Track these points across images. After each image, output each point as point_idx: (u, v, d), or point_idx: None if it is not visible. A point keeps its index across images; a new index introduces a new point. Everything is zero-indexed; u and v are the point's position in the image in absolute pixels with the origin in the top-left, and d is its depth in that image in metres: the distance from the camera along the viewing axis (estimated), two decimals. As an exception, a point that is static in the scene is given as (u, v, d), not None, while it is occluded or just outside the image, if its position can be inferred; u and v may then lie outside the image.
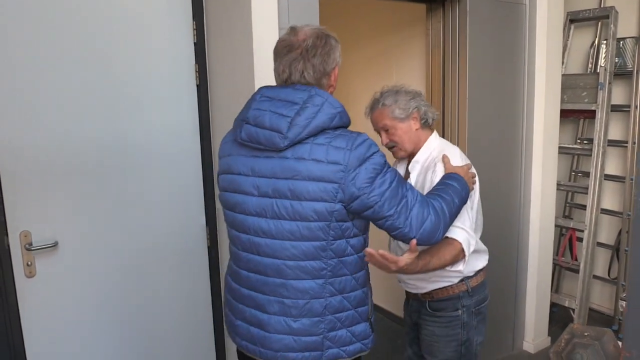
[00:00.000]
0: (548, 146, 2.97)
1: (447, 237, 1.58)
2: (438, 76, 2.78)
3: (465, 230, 1.65)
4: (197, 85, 2.26)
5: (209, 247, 2.39)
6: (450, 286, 1.83)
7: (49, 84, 1.92)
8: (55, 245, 1.98)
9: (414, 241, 1.39)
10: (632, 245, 1.13)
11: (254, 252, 1.44)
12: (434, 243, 1.47)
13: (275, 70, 1.43)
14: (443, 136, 2.74)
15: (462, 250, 1.63)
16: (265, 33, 1.89)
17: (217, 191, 2.32)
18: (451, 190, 1.54)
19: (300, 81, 1.39)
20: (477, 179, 1.76)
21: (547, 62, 2.83)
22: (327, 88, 1.42)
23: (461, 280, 1.83)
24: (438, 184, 1.62)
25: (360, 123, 1.84)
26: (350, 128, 1.40)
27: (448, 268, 1.67)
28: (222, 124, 2.22)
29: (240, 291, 1.51)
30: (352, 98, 3.54)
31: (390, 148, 1.82)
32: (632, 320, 1.14)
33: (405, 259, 1.42)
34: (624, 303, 1.28)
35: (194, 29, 2.21)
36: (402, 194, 1.38)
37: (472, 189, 1.71)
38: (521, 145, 2.95)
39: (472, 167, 1.76)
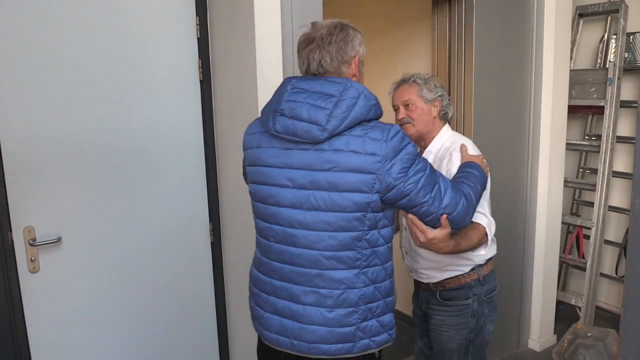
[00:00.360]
0: (555, 142, 2.93)
1: (472, 222, 1.62)
2: (444, 72, 2.75)
3: (485, 215, 1.70)
4: (201, 81, 2.25)
5: (212, 244, 2.38)
6: (462, 275, 1.87)
7: (52, 79, 1.92)
8: (58, 240, 1.98)
9: (444, 216, 1.43)
10: (630, 249, 1.11)
11: (288, 244, 1.44)
12: (463, 227, 1.53)
13: (298, 65, 1.46)
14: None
15: (486, 234, 1.67)
16: (267, 29, 1.88)
17: (221, 186, 2.34)
18: (473, 177, 1.60)
19: (319, 70, 1.40)
20: (488, 168, 1.79)
21: (555, 57, 2.79)
22: (350, 77, 1.42)
23: (472, 269, 1.87)
24: (460, 171, 1.67)
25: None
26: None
27: (471, 253, 1.71)
28: (226, 120, 2.22)
29: (272, 283, 1.50)
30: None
31: (401, 125, 1.84)
32: (628, 326, 1.12)
33: (436, 232, 1.45)
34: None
35: (197, 25, 2.20)
36: (434, 180, 1.42)
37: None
38: (528, 142, 2.92)
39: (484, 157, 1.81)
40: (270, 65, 1.90)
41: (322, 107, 1.32)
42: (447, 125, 1.92)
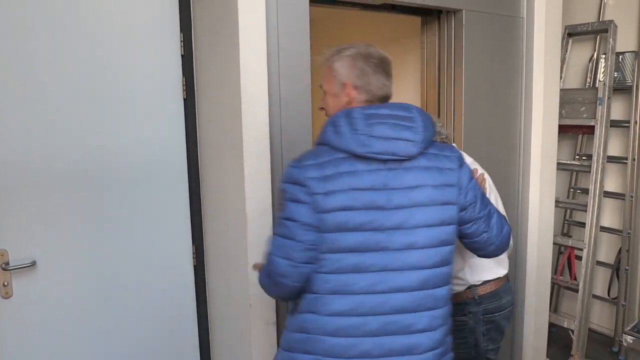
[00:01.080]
0: (546, 162, 2.89)
1: None
2: (433, 90, 2.71)
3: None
4: (184, 99, 2.18)
5: (195, 267, 2.30)
6: (459, 292, 1.93)
7: (30, 96, 1.85)
8: (33, 264, 1.89)
9: None
10: None
11: (393, 269, 1.35)
12: (503, 252, 1.57)
13: (373, 82, 1.47)
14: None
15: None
16: (252, 47, 1.82)
17: (205, 208, 2.27)
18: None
19: (388, 94, 1.51)
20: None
21: (545, 76, 2.76)
22: None
23: (468, 288, 1.94)
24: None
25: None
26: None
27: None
28: (210, 139, 2.15)
29: (373, 322, 1.34)
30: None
31: None
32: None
33: None
34: (629, 338, 1.20)
35: (181, 42, 2.14)
36: (487, 199, 1.49)
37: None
38: (519, 162, 2.87)
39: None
40: (255, 84, 1.84)
41: (408, 126, 1.36)
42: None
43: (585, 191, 3.47)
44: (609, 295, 3.40)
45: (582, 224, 3.44)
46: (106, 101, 2.02)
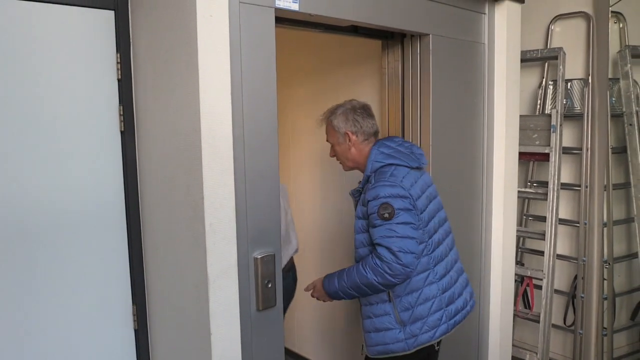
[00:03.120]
0: (509, 191, 2.79)
1: None
2: (397, 115, 2.53)
3: None
4: (122, 132, 1.82)
5: (136, 331, 1.92)
6: None
7: None
8: None
9: None
10: None
11: (447, 236, 2.11)
12: None
13: (368, 123, 2.07)
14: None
15: None
16: (214, 69, 1.52)
17: (147, 261, 1.90)
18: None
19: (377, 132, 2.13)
20: None
21: (506, 102, 2.67)
22: None
23: None
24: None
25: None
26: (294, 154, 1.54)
27: None
28: (154, 180, 1.80)
29: (453, 274, 2.10)
30: (297, 132, 3.24)
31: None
32: None
33: None
34: None
35: (118, 63, 1.79)
36: None
37: None
38: (482, 190, 2.75)
39: None
40: (214, 110, 1.53)
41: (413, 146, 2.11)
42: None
43: (537, 218, 3.44)
44: (565, 323, 3.36)
45: (535, 252, 3.40)
46: (24, 138, 1.62)
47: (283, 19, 1.87)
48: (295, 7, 1.74)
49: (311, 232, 3.33)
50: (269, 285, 1.73)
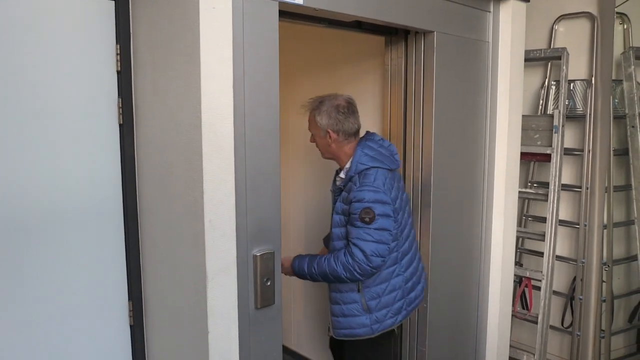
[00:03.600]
0: (509, 192, 2.77)
1: None
2: (399, 112, 2.50)
3: None
4: (120, 125, 1.79)
5: (132, 327, 1.89)
6: None
7: None
8: None
9: None
10: None
11: (412, 239, 2.25)
12: None
13: (349, 122, 2.12)
14: (404, 181, 2.49)
15: None
16: (216, 62, 1.48)
17: (144, 256, 1.88)
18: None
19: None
20: None
21: (509, 102, 2.64)
22: None
23: None
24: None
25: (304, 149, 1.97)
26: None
27: None
28: (153, 174, 1.77)
29: (416, 265, 2.26)
30: (298, 129, 3.20)
31: None
32: None
33: None
34: None
35: (117, 55, 1.75)
36: None
37: None
38: (483, 191, 2.73)
39: None
40: (215, 103, 1.50)
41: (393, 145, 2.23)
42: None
43: (537, 219, 3.42)
44: (562, 325, 3.34)
45: (534, 252, 3.38)
46: (17, 130, 1.58)
47: (286, 13, 1.84)
48: (299, 1, 1.71)
49: (301, 227, 3.31)
50: (268, 283, 1.70)
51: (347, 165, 2.12)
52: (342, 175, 2.15)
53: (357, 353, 2.22)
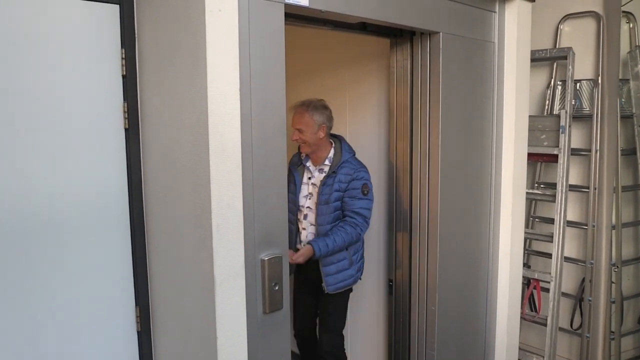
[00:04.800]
0: (517, 193, 2.74)
1: None
2: (405, 113, 2.49)
3: None
4: (126, 129, 1.78)
5: (139, 333, 1.88)
6: None
7: None
8: None
9: None
10: None
11: None
12: None
13: (332, 123, 2.68)
14: (411, 186, 2.49)
15: None
16: (222, 65, 1.47)
17: (151, 261, 1.87)
18: None
19: None
20: None
21: (516, 102, 2.62)
22: None
23: None
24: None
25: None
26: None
27: None
28: (160, 179, 1.75)
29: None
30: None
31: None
32: None
33: None
34: None
35: (122, 59, 1.74)
36: None
37: None
38: (490, 192, 2.71)
39: None
40: (222, 107, 1.48)
41: None
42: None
43: (545, 220, 3.39)
44: (571, 326, 3.31)
45: (542, 254, 3.35)
46: (23, 134, 1.57)
47: (292, 16, 1.82)
48: (305, 2, 1.70)
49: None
50: (277, 288, 1.69)
51: (331, 155, 2.68)
52: (327, 162, 2.67)
53: (340, 301, 2.80)
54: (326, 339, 2.86)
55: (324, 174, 2.66)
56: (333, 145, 2.70)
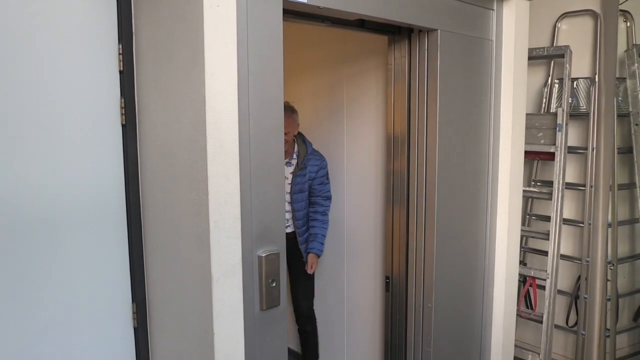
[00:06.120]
0: (514, 190, 2.75)
1: None
2: (402, 111, 2.48)
3: None
4: (123, 125, 1.77)
5: (135, 329, 1.88)
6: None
7: None
8: None
9: None
10: None
11: None
12: None
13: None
14: (408, 183, 2.48)
15: None
16: (220, 61, 1.47)
17: (148, 258, 1.86)
18: None
19: None
20: None
21: (513, 100, 2.62)
22: None
23: None
24: None
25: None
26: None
27: None
28: (157, 176, 1.75)
29: None
30: (301, 126, 3.20)
31: None
32: None
33: None
34: None
35: (120, 54, 1.74)
36: None
37: None
38: (487, 190, 2.71)
39: None
40: (220, 104, 1.48)
41: None
42: None
43: (541, 217, 3.41)
44: (567, 324, 3.33)
45: (538, 251, 3.37)
46: (18, 129, 1.56)
47: (290, 12, 1.82)
48: (303, -1, 1.69)
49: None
50: (274, 285, 1.69)
51: (296, 149, 3.08)
52: (294, 156, 3.06)
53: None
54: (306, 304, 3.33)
55: (291, 167, 3.06)
56: (296, 140, 3.11)
